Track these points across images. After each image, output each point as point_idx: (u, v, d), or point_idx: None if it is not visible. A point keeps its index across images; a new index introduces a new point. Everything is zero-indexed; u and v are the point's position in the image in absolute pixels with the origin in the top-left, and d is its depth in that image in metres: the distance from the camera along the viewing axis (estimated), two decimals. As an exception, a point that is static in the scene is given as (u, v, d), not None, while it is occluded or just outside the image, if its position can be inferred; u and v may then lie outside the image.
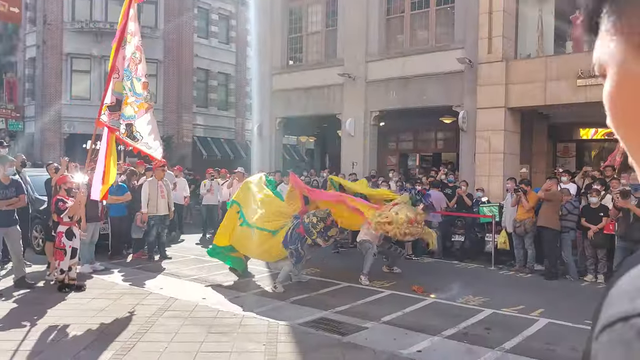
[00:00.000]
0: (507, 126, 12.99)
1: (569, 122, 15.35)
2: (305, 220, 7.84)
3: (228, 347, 5.38)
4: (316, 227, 7.77)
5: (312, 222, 7.79)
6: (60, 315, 6.43)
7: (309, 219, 7.84)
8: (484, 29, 13.05)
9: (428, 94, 14.54)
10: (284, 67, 18.20)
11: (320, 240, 7.83)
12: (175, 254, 11.22)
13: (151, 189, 10.46)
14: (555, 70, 12.23)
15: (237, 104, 29.02)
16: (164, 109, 25.33)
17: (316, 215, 7.87)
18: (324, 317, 6.64)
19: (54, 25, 24.25)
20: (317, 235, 7.77)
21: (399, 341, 5.74)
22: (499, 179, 12.83)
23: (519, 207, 9.99)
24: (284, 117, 18.18)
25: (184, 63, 25.84)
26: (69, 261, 7.69)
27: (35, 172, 11.81)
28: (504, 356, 5.40)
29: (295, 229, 7.90)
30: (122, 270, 9.36)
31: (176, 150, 24.78)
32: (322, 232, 7.80)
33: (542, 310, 7.15)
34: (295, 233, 7.88)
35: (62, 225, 7.72)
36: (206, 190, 14.17)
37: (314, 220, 7.80)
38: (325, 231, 7.83)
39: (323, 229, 7.81)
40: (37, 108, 25.74)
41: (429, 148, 18.90)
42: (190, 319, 6.40)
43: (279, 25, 18.08)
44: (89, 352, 5.17)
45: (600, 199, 9.33)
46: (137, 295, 7.57)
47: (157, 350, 5.27)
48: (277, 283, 7.94)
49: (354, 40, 15.92)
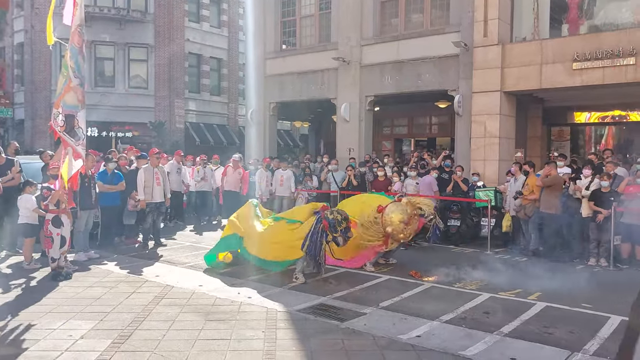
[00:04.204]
0: (503, 110, 12.95)
1: (564, 105, 15.37)
2: (329, 216, 7.65)
3: (227, 335, 5.34)
4: (340, 225, 7.63)
5: (337, 219, 7.63)
6: (56, 304, 6.36)
7: (333, 215, 7.66)
8: (480, 11, 12.94)
9: (423, 78, 14.45)
10: (278, 52, 18.01)
11: (340, 238, 7.70)
12: (170, 241, 11.15)
13: (146, 176, 10.35)
14: (551, 53, 12.18)
15: (230, 89, 28.78)
16: (156, 95, 25.12)
17: (340, 214, 7.72)
18: (323, 303, 6.62)
19: (42, 9, 23.81)
20: (340, 233, 7.66)
21: (398, 326, 5.73)
22: (494, 163, 12.83)
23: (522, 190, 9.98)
24: (278, 102, 18.04)
25: (175, 48, 25.54)
26: (58, 249, 7.62)
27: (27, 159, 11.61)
28: (503, 340, 5.40)
29: (318, 223, 7.73)
30: (118, 258, 9.28)
31: (168, 136, 24.60)
32: (344, 231, 7.70)
33: (539, 293, 7.17)
34: (319, 227, 7.70)
35: (50, 212, 7.65)
36: (200, 177, 14.06)
37: (338, 218, 7.64)
38: (346, 231, 7.73)
39: (345, 229, 7.71)
40: (27, 95, 25.41)
41: (423, 133, 18.88)
42: (188, 306, 6.36)
43: (272, 8, 17.85)
44: (86, 341, 5.12)
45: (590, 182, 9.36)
46: (133, 283, 7.51)
47: (156, 338, 5.22)
48: (297, 273, 7.86)
49: (348, 24, 15.75)
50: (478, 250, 10.26)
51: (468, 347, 5.14)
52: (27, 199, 8.49)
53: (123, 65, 24.90)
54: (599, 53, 11.53)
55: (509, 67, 12.72)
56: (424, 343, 5.23)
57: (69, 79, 7.07)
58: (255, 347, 5.04)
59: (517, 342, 5.33)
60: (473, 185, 11.57)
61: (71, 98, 7.07)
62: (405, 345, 5.17)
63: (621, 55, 11.28)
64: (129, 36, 24.76)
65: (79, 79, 7.18)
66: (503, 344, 5.27)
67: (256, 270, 8.32)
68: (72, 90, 7.10)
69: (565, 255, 9.52)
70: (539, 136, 15.79)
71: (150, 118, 24.54)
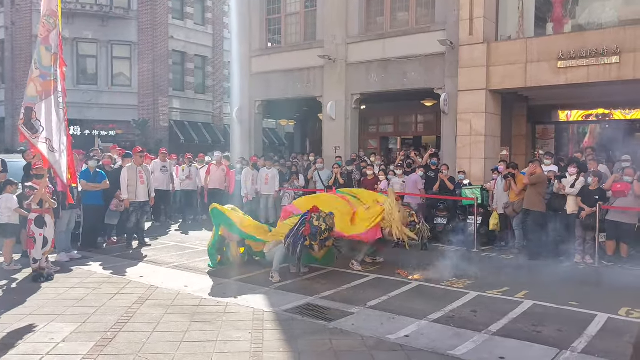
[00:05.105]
0: (489, 108, 12.98)
1: (548, 104, 15.46)
2: (314, 222, 7.55)
3: (213, 336, 5.25)
4: (322, 235, 7.54)
5: (320, 228, 7.53)
6: (37, 307, 6.21)
7: (318, 222, 7.56)
8: (465, 10, 12.94)
9: (409, 77, 14.43)
10: (263, 49, 17.87)
11: (317, 247, 7.62)
12: (154, 241, 11.00)
13: (130, 174, 10.18)
14: (536, 52, 12.22)
15: (215, 87, 28.55)
16: (139, 93, 24.82)
17: (326, 222, 7.62)
18: (310, 303, 6.55)
19: (23, 5, 23.39)
20: (318, 242, 7.57)
21: (386, 326, 5.69)
22: (480, 161, 12.86)
23: (510, 192, 10.14)
24: (264, 100, 17.90)
25: (158, 45, 25.25)
26: (41, 250, 7.45)
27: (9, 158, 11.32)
28: (491, 339, 5.38)
29: (301, 226, 7.65)
30: (101, 259, 9.12)
31: (152, 134, 24.33)
32: (323, 241, 7.62)
33: (526, 291, 7.17)
34: (301, 231, 7.60)
35: (32, 212, 7.48)
36: (185, 176, 13.91)
37: (322, 227, 7.54)
38: (324, 241, 7.64)
39: (325, 239, 7.62)
40: (7, 92, 24.94)
41: (409, 131, 18.88)
42: (173, 307, 6.25)
43: (257, 5, 17.69)
44: (67, 345, 4.99)
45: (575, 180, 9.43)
46: (117, 284, 7.37)
47: (140, 340, 5.11)
48: (273, 272, 7.78)
49: (334, 22, 15.67)
50: (464, 249, 10.27)
51: (457, 346, 5.11)
52: (8, 199, 8.30)
53: (106, 63, 24.56)
54: (583, 52, 11.60)
55: (495, 65, 12.75)
56: (413, 343, 5.19)
57: (32, 70, 6.89)
58: (242, 348, 4.96)
59: (506, 341, 5.31)
60: (459, 183, 11.59)
61: (31, 90, 6.85)
62: (394, 345, 5.12)
63: (605, 54, 11.36)
64: (112, 33, 24.41)
65: (40, 70, 6.91)
66: (492, 343, 5.25)
67: (242, 270, 8.23)
68: (32, 82, 6.86)
69: (551, 253, 9.57)
70: (524, 134, 15.87)
71: (134, 116, 24.24)
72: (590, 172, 9.47)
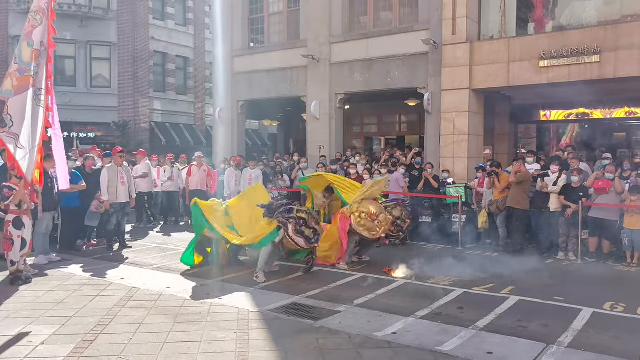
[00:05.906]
0: (472, 107, 13.04)
1: (530, 103, 15.59)
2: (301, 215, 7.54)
3: (197, 337, 5.14)
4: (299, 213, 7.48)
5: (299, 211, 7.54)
6: (14, 310, 6.03)
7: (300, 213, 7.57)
8: (448, 9, 13.00)
9: (393, 76, 14.45)
10: (246, 49, 17.75)
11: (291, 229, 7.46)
12: (136, 242, 10.81)
13: (110, 175, 9.98)
14: (518, 51, 12.32)
15: (197, 88, 28.31)
16: (119, 94, 24.50)
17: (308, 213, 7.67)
18: (296, 302, 6.47)
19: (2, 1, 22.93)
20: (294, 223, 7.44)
21: (373, 324, 5.63)
22: (463, 160, 12.91)
23: (494, 190, 10.20)
24: (247, 101, 17.77)
25: (139, 46, 24.96)
26: (19, 252, 7.25)
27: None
28: (478, 334, 5.36)
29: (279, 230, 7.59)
30: (81, 261, 8.92)
31: (133, 136, 24.00)
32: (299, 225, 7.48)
33: (512, 287, 7.19)
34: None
35: (10, 213, 7.27)
36: (167, 177, 13.72)
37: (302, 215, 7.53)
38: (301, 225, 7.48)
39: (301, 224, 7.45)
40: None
41: (393, 131, 18.91)
42: (155, 308, 6.12)
43: (239, 5, 17.57)
44: (46, 347, 4.84)
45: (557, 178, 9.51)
46: (98, 286, 7.21)
47: (122, 342, 4.98)
48: (258, 272, 7.67)
49: (317, 21, 15.63)
50: (449, 247, 10.28)
51: (444, 342, 5.07)
52: None
53: (84, 64, 24.17)
54: (564, 51, 11.71)
55: (478, 64, 12.82)
56: (400, 340, 5.14)
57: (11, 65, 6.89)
58: (227, 348, 4.86)
59: (493, 336, 5.30)
60: (443, 182, 11.62)
61: (7, 83, 6.81)
62: (381, 342, 5.06)
63: (586, 53, 11.48)
64: (91, 34, 24.04)
65: (19, 65, 6.89)
66: (479, 339, 5.23)
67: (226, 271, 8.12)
68: (10, 77, 6.82)
69: (535, 250, 9.61)
70: (506, 133, 16.00)
71: (114, 118, 23.89)
72: (573, 170, 9.55)
